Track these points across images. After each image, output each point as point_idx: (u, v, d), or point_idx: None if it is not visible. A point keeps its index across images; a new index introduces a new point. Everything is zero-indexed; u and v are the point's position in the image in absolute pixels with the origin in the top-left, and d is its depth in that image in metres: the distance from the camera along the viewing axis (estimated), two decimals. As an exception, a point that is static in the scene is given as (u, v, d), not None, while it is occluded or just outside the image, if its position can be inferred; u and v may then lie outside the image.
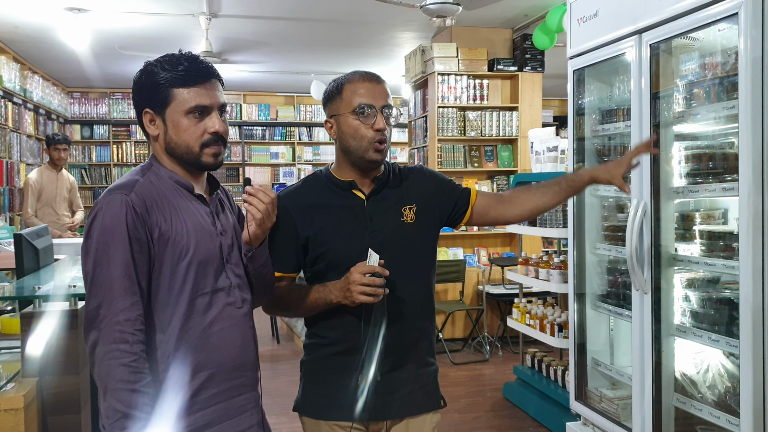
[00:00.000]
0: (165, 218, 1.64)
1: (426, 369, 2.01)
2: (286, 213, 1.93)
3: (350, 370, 1.91)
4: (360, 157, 1.90)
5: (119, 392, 1.51)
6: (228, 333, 1.71)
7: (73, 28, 6.38)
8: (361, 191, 1.96)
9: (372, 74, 1.96)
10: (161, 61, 1.68)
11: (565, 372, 4.32)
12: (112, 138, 10.66)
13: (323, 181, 1.99)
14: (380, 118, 1.88)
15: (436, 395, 2.04)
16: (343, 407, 1.92)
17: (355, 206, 1.94)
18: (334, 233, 1.91)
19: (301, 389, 2.02)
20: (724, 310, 2.72)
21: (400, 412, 1.96)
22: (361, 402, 1.91)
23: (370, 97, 1.88)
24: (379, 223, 1.93)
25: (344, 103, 1.91)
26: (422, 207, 1.99)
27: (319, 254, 1.93)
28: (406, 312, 1.93)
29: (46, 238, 3.92)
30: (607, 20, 3.23)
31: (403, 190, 2.01)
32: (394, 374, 1.93)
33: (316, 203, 1.95)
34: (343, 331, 1.92)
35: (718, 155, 2.81)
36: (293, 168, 11.11)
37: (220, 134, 1.70)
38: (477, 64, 6.78)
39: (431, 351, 2.04)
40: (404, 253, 1.93)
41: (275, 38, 7.48)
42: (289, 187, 2.02)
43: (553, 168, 4.44)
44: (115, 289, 1.55)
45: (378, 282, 1.76)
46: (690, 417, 2.88)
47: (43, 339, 2.82)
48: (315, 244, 1.93)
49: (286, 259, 1.95)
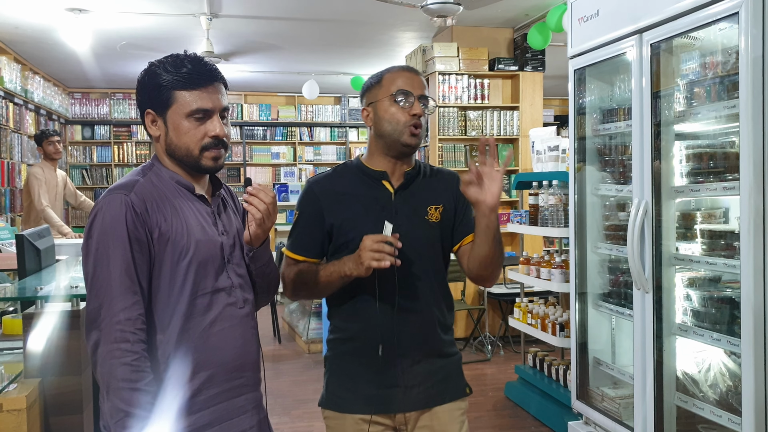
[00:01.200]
0: (165, 218, 1.64)
1: (448, 359, 2.05)
2: (314, 198, 1.99)
3: (371, 362, 1.93)
4: (395, 140, 1.95)
5: (121, 391, 1.51)
6: (228, 333, 1.71)
7: (73, 29, 6.38)
8: (390, 183, 1.99)
9: (409, 67, 2.04)
10: (165, 62, 1.68)
11: (566, 371, 4.32)
12: (113, 138, 10.66)
13: (354, 171, 2.03)
14: (417, 105, 1.94)
15: (461, 383, 2.08)
16: (367, 400, 1.95)
17: (383, 198, 1.98)
18: (359, 223, 1.94)
19: (325, 384, 2.05)
20: (726, 309, 2.72)
21: (425, 402, 1.99)
22: (380, 395, 1.95)
23: (408, 85, 1.94)
24: (404, 218, 1.95)
25: (382, 90, 1.97)
26: (448, 210, 2.03)
27: (343, 242, 1.96)
28: (421, 305, 1.97)
29: (47, 238, 3.93)
30: (607, 20, 3.23)
31: (433, 189, 2.04)
32: (416, 366, 1.96)
33: (344, 192, 1.99)
34: (361, 323, 1.95)
35: (719, 154, 2.81)
36: (294, 168, 11.11)
37: (220, 138, 1.69)
38: (478, 64, 6.78)
39: (452, 342, 2.08)
40: (424, 251, 1.98)
41: (276, 38, 7.48)
42: (319, 174, 2.08)
43: (554, 167, 4.44)
44: (116, 289, 1.56)
45: (388, 249, 1.77)
46: (692, 416, 2.88)
47: (45, 339, 2.83)
48: (339, 232, 1.97)
49: (310, 244, 2.00)
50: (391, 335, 1.92)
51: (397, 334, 1.93)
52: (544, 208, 4.27)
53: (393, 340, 1.92)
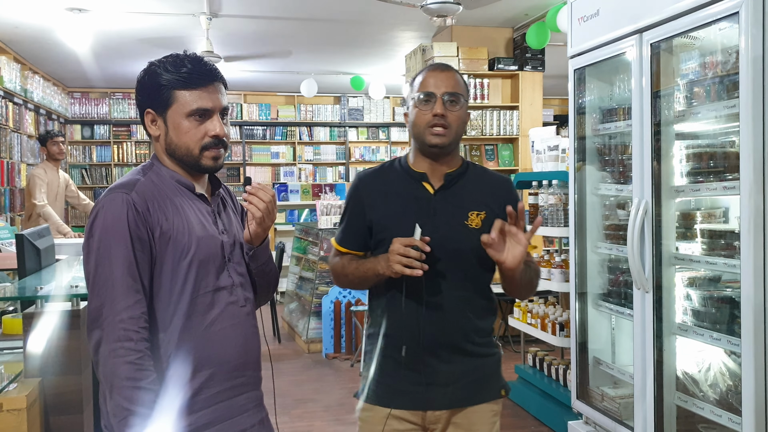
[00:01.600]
0: (166, 217, 1.64)
1: (484, 359, 2.04)
2: (359, 193, 2.04)
3: (403, 359, 1.95)
4: (422, 142, 1.96)
5: (125, 390, 1.51)
6: (230, 332, 1.71)
7: (73, 28, 6.38)
8: (431, 184, 1.99)
9: (439, 64, 2.04)
10: (165, 62, 1.68)
11: (566, 371, 4.32)
12: (112, 138, 10.66)
13: (398, 169, 2.05)
14: (438, 104, 1.92)
15: (496, 385, 2.06)
16: (399, 395, 1.98)
17: (422, 199, 1.98)
18: (396, 222, 1.96)
19: (361, 376, 2.08)
20: (726, 308, 2.72)
21: (457, 401, 1.98)
22: (416, 391, 1.96)
23: (431, 85, 1.94)
24: (442, 221, 1.95)
25: (412, 93, 2.00)
26: (491, 217, 1.94)
27: (380, 239, 1.99)
28: (454, 310, 1.96)
29: (47, 238, 3.93)
30: (607, 19, 3.23)
31: (477, 194, 2.01)
32: (448, 365, 1.96)
33: (386, 189, 2.02)
34: (393, 319, 1.97)
35: (719, 154, 2.81)
36: (294, 167, 11.11)
37: (220, 138, 1.70)
38: (477, 64, 6.78)
39: (488, 343, 2.07)
40: (460, 256, 1.95)
41: (276, 38, 7.48)
42: (367, 170, 2.12)
43: (554, 167, 4.43)
44: (118, 288, 1.56)
45: (414, 254, 1.79)
46: (692, 415, 2.88)
47: (45, 339, 2.83)
48: (378, 228, 2.00)
49: (354, 237, 2.06)
50: (419, 335, 1.93)
51: (426, 334, 1.93)
52: (543, 207, 4.26)
53: (421, 340, 1.93)
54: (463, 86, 1.99)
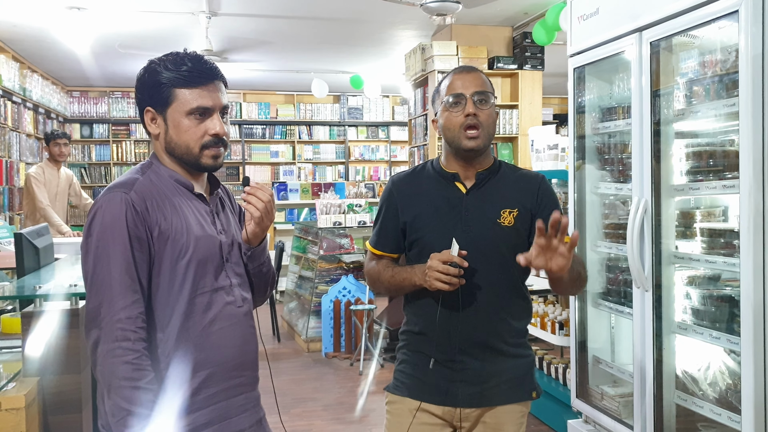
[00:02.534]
0: (165, 216, 1.64)
1: (517, 360, 2.04)
2: (392, 196, 2.06)
3: (437, 357, 1.98)
4: (457, 147, 1.97)
5: (123, 390, 1.51)
6: (228, 332, 1.71)
7: (72, 27, 6.38)
8: (463, 184, 2.00)
9: (464, 66, 2.05)
10: (165, 60, 1.68)
11: (566, 370, 4.32)
12: (111, 137, 10.66)
13: (431, 171, 2.07)
14: (469, 104, 1.93)
15: (528, 386, 2.06)
16: (430, 389, 2.00)
17: (454, 198, 2.00)
18: (429, 222, 1.99)
19: (394, 372, 2.11)
20: (725, 307, 2.72)
21: (487, 400, 2.00)
22: (445, 388, 1.98)
23: (460, 86, 1.95)
24: (474, 220, 1.97)
25: (440, 98, 2.01)
26: (524, 215, 1.98)
27: (414, 240, 2.02)
28: (488, 309, 1.97)
29: (46, 237, 3.93)
30: (607, 18, 3.23)
31: (509, 191, 2.01)
32: (480, 365, 1.98)
33: (419, 191, 2.04)
34: (428, 319, 1.98)
35: (718, 153, 2.80)
36: (293, 167, 11.11)
37: (220, 136, 1.69)
38: (477, 63, 6.77)
39: (522, 344, 2.07)
40: (493, 255, 1.95)
41: (275, 37, 7.47)
42: (400, 173, 2.13)
43: (554, 166, 4.43)
44: (116, 288, 1.55)
45: (453, 271, 1.82)
46: (691, 414, 2.88)
47: (44, 338, 2.82)
48: (411, 229, 2.02)
49: (387, 239, 2.08)
50: (453, 334, 1.95)
51: (460, 334, 1.95)
52: (543, 206, 4.26)
53: (454, 339, 1.95)
54: (489, 85, 2.01)
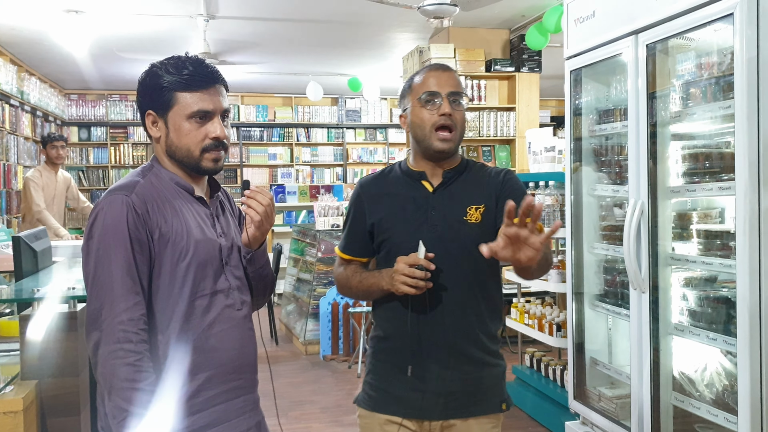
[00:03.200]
0: (165, 219, 1.64)
1: (487, 369, 1.97)
2: (359, 198, 2.04)
3: (404, 365, 1.92)
4: (426, 147, 1.94)
5: (124, 391, 1.51)
6: (227, 335, 1.71)
7: (70, 30, 6.37)
8: (429, 183, 1.97)
9: (439, 65, 2.02)
10: (166, 64, 1.69)
11: (563, 371, 4.33)
12: (109, 140, 10.65)
13: (398, 172, 2.05)
14: (445, 103, 1.91)
15: (498, 398, 1.99)
16: (397, 402, 1.95)
17: (420, 198, 1.96)
18: (396, 221, 1.96)
19: (362, 381, 2.07)
20: (722, 308, 2.73)
21: (455, 412, 1.93)
22: (413, 399, 1.93)
23: (435, 84, 1.92)
24: (440, 217, 1.93)
25: (412, 94, 1.96)
26: (490, 209, 1.94)
27: (381, 241, 1.99)
28: (456, 311, 1.91)
29: (44, 240, 3.93)
30: (603, 21, 3.24)
31: (475, 188, 1.98)
32: (449, 374, 1.91)
33: (386, 191, 2.02)
34: (396, 324, 1.94)
35: (714, 155, 2.81)
36: (291, 169, 11.11)
37: (221, 140, 1.70)
38: (474, 65, 6.79)
39: (492, 352, 1.99)
40: (460, 252, 1.90)
41: (273, 39, 7.48)
42: (368, 176, 2.11)
43: (551, 168, 4.44)
44: (117, 290, 1.56)
45: (419, 274, 1.79)
46: (688, 415, 2.89)
47: (42, 341, 2.82)
48: (378, 230, 1.99)
49: (356, 243, 2.05)
50: (422, 341, 1.90)
51: (429, 341, 1.90)
52: (540, 208, 4.26)
53: (423, 345, 1.90)
54: (462, 86, 1.99)
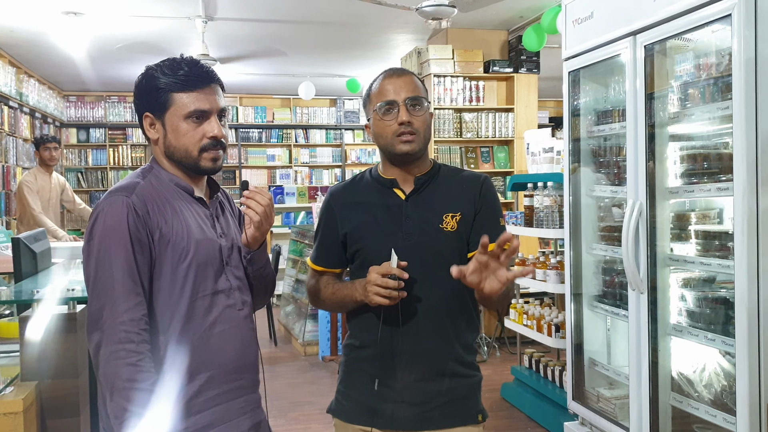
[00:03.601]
0: (166, 220, 1.65)
1: (461, 380, 1.92)
2: (330, 209, 1.98)
3: (376, 375, 1.88)
4: (391, 153, 1.89)
5: (127, 391, 1.51)
6: (228, 335, 1.72)
7: (69, 32, 6.38)
8: (402, 190, 1.92)
9: (395, 69, 1.95)
10: (162, 66, 1.70)
11: (562, 372, 4.33)
12: (108, 141, 10.65)
13: (369, 179, 1.99)
14: (402, 111, 1.85)
15: (473, 408, 1.94)
16: (369, 413, 1.90)
17: (394, 205, 1.91)
18: (369, 231, 1.91)
19: (336, 391, 2.02)
20: (720, 309, 2.74)
21: (428, 423, 1.88)
22: (385, 410, 1.88)
23: (391, 92, 1.87)
24: (415, 226, 1.87)
25: (371, 104, 1.92)
26: (467, 218, 1.90)
27: (355, 251, 1.94)
28: (431, 321, 1.87)
29: (43, 241, 3.92)
30: (601, 22, 3.24)
31: (451, 195, 1.93)
32: (422, 384, 1.87)
33: (357, 200, 1.96)
34: (370, 334, 1.89)
35: (712, 155, 2.82)
36: (290, 170, 11.11)
37: (218, 139, 1.70)
38: (473, 66, 6.80)
39: (468, 363, 1.95)
40: (436, 261, 1.85)
41: (271, 41, 7.48)
42: (338, 184, 2.05)
43: (549, 169, 4.45)
44: (118, 290, 1.56)
45: (392, 284, 1.74)
46: (687, 416, 2.89)
47: (42, 342, 2.82)
48: (351, 240, 1.94)
49: (328, 254, 2.00)
50: (395, 352, 1.85)
51: (403, 351, 1.85)
52: (539, 209, 4.28)
53: (396, 355, 1.85)
54: (422, 89, 1.92)
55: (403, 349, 1.85)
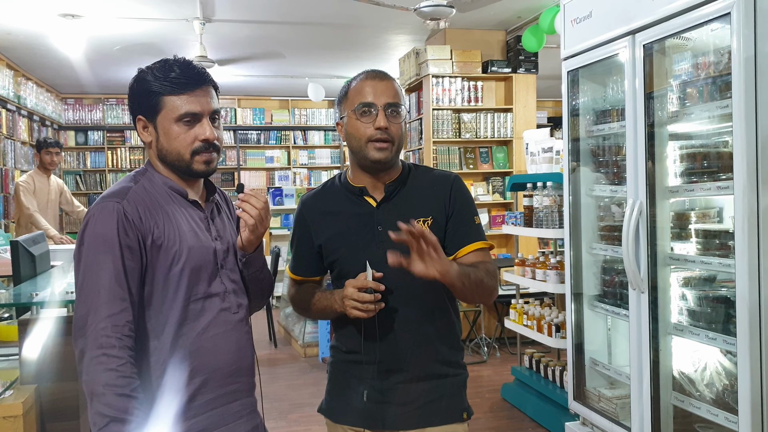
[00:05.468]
0: (157, 224, 1.64)
1: (446, 379, 1.93)
2: (302, 218, 1.97)
3: (363, 376, 1.90)
4: (363, 157, 1.85)
5: (106, 396, 1.48)
6: (222, 338, 1.71)
7: (66, 34, 6.37)
8: (372, 198, 1.90)
9: (377, 72, 1.91)
10: (153, 68, 1.68)
11: (563, 372, 4.33)
12: (106, 144, 10.64)
13: (339, 187, 1.95)
14: (381, 116, 1.81)
15: (458, 406, 1.94)
16: (358, 413, 1.91)
17: (365, 214, 1.88)
18: (343, 242, 1.89)
19: (325, 391, 2.04)
20: (721, 308, 2.73)
21: (415, 422, 1.89)
22: (371, 410, 1.89)
23: (372, 95, 1.83)
24: (388, 234, 1.79)
25: (348, 103, 1.88)
26: (439, 221, 1.88)
27: (331, 262, 1.93)
28: (411, 328, 1.87)
29: (42, 244, 3.92)
30: (600, 21, 3.24)
31: (421, 199, 1.90)
32: (408, 384, 1.88)
33: (329, 210, 1.93)
34: (352, 342, 1.90)
35: (712, 154, 2.82)
36: (288, 172, 11.11)
37: (210, 141, 1.68)
38: (471, 66, 6.80)
39: (452, 361, 1.95)
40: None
41: (269, 42, 7.48)
42: (309, 192, 2.02)
43: (549, 168, 4.45)
44: (103, 296, 1.54)
45: (368, 298, 1.74)
46: (688, 415, 2.89)
47: (41, 346, 2.82)
48: (327, 251, 1.93)
49: (306, 264, 1.99)
50: (377, 357, 1.85)
51: (387, 357, 1.86)
52: (538, 209, 4.28)
53: (380, 363, 1.86)
54: (402, 95, 1.89)
55: (386, 355, 1.86)
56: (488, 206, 6.86)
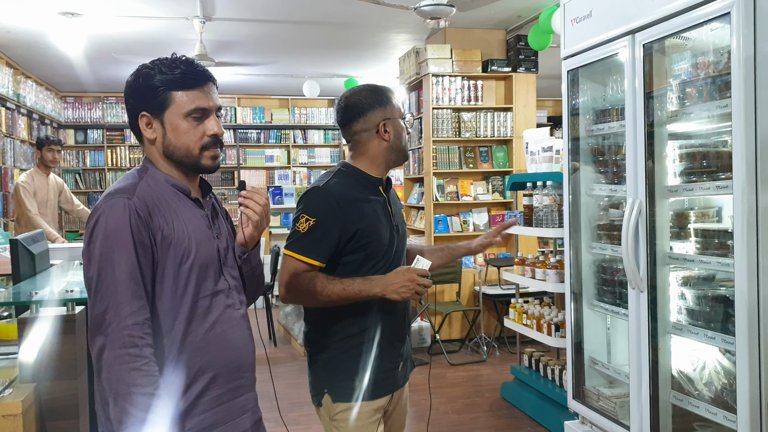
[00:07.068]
0: (167, 221, 1.64)
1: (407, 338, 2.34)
2: (335, 208, 2.08)
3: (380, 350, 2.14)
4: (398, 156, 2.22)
5: (132, 396, 1.50)
6: (230, 334, 1.72)
7: (66, 33, 6.37)
8: (383, 189, 2.24)
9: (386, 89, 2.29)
10: (157, 64, 1.69)
11: (562, 371, 4.33)
12: (106, 142, 10.63)
13: (357, 177, 2.18)
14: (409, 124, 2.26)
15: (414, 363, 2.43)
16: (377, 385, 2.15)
17: (382, 203, 2.20)
18: (376, 226, 2.14)
19: (328, 383, 2.19)
20: (720, 307, 2.74)
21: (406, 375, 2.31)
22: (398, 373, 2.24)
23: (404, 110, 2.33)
24: (397, 220, 2.24)
25: (395, 110, 2.19)
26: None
27: (363, 244, 2.10)
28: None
29: (41, 243, 3.92)
30: (600, 20, 3.24)
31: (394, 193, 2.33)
32: (404, 348, 2.27)
33: (359, 197, 2.14)
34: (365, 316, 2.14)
35: (711, 154, 2.82)
36: (288, 171, 11.10)
37: (219, 136, 1.72)
38: (471, 66, 6.80)
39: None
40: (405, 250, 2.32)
41: (269, 41, 7.48)
42: (330, 182, 2.15)
43: (548, 168, 4.45)
44: (121, 294, 1.54)
45: (428, 283, 2.04)
46: (687, 414, 2.89)
47: (40, 344, 2.82)
48: (362, 235, 2.10)
49: (325, 249, 2.09)
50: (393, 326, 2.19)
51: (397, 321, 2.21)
52: (538, 208, 4.28)
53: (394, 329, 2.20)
54: None
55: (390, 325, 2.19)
56: (488, 205, 6.86)
